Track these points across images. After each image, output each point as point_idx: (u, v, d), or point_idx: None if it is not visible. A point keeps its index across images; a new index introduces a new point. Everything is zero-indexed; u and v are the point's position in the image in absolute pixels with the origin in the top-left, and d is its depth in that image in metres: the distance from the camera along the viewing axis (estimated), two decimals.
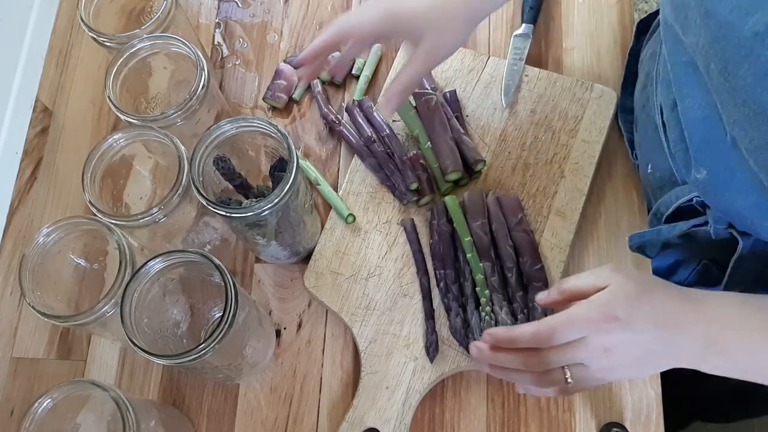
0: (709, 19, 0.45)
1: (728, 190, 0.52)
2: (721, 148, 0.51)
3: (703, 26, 0.46)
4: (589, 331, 0.50)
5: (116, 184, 0.66)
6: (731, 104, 0.46)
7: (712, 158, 0.52)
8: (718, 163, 0.52)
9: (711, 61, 0.47)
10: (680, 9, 0.51)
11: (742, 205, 0.52)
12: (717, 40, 0.45)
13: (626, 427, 0.65)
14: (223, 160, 0.61)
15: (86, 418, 0.59)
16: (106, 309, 0.56)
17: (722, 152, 0.51)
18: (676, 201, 0.61)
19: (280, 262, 0.73)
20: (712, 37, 0.45)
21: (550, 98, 0.76)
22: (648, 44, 0.73)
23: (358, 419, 0.65)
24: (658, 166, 0.65)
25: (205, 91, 0.63)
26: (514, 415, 0.67)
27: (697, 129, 0.53)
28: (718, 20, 0.44)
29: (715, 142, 0.51)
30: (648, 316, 0.50)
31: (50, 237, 0.59)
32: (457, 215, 0.69)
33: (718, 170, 0.52)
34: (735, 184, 0.51)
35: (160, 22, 0.67)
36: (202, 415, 0.69)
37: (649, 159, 0.67)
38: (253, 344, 0.64)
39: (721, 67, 0.45)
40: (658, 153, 0.63)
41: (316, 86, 0.80)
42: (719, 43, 0.45)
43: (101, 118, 0.82)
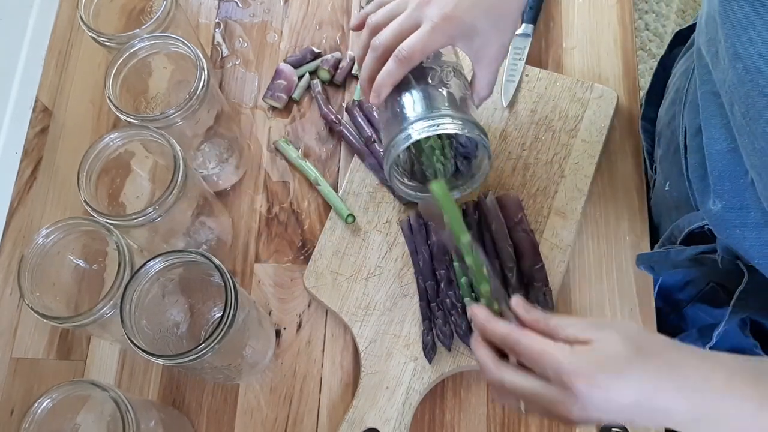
0: (736, 62, 0.45)
1: (740, 227, 0.51)
2: (741, 183, 0.50)
3: (730, 67, 0.46)
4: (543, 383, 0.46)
5: (113, 183, 0.66)
6: (750, 147, 0.46)
7: (730, 192, 0.52)
8: (735, 198, 0.51)
9: (735, 103, 0.46)
10: (712, 43, 0.50)
11: (752, 244, 0.51)
12: (743, 84, 0.44)
13: (626, 427, 0.65)
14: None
15: (86, 418, 0.59)
16: (105, 310, 0.56)
17: (741, 188, 0.50)
18: (688, 226, 0.60)
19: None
20: (738, 80, 0.45)
21: (550, 98, 0.75)
22: (683, 59, 0.71)
23: (358, 419, 0.65)
24: (676, 187, 0.64)
25: (205, 91, 0.63)
26: (514, 415, 0.67)
27: (720, 161, 0.52)
28: (745, 65, 0.44)
29: (734, 176, 0.51)
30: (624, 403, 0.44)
31: (49, 238, 0.59)
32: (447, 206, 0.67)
33: (734, 205, 0.52)
34: (749, 222, 0.50)
35: (160, 22, 0.67)
36: (202, 415, 0.69)
37: (668, 177, 0.66)
38: (253, 344, 0.63)
39: (744, 111, 0.45)
40: (678, 173, 0.62)
41: (316, 86, 0.80)
42: (744, 87, 0.44)
43: (101, 118, 0.82)
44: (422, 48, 0.55)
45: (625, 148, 0.75)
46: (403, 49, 0.54)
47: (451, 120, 0.55)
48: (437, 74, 0.58)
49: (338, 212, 0.72)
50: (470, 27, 0.55)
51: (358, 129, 0.76)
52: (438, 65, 0.59)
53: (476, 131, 0.55)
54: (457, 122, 0.54)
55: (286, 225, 0.75)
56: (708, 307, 0.69)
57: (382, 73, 0.56)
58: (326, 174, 0.77)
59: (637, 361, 0.45)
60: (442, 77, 0.58)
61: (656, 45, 1.86)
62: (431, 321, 0.67)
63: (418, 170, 0.63)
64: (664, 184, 0.67)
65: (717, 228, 0.56)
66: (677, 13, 1.90)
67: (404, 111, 0.57)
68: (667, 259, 0.62)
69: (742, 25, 0.44)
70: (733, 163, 0.50)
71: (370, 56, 0.57)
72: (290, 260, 0.74)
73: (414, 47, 0.54)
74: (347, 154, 0.78)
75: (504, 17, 0.57)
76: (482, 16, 0.55)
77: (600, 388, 0.44)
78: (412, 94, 0.58)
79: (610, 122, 0.74)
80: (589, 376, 0.44)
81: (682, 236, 0.61)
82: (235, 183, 0.78)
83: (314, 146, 0.79)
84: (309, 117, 0.80)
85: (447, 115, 0.55)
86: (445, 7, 0.54)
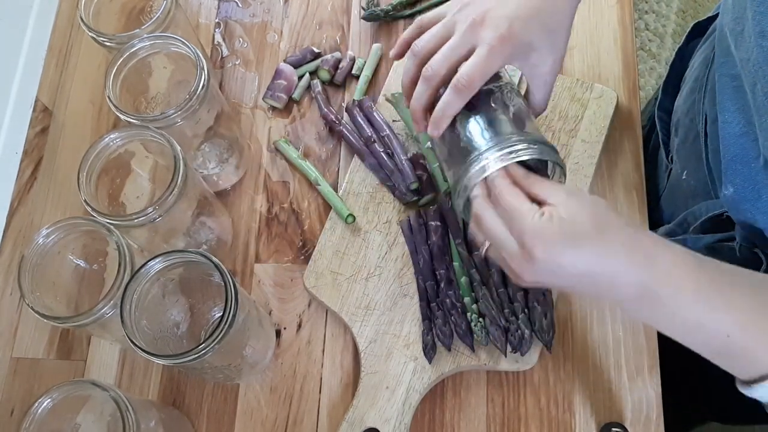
0: (763, 40, 0.45)
1: (751, 210, 0.51)
2: (753, 167, 0.50)
3: (756, 45, 0.46)
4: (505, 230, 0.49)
5: (113, 183, 0.66)
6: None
7: (742, 176, 0.52)
8: (747, 182, 0.51)
9: (758, 81, 0.46)
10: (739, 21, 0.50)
11: (764, 227, 0.51)
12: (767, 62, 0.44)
13: (626, 427, 0.65)
14: None
15: (86, 418, 0.59)
16: (105, 310, 0.56)
17: (753, 171, 0.50)
18: (706, 213, 0.60)
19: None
20: (763, 58, 0.45)
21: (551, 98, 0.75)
22: (702, 48, 0.71)
23: (358, 419, 0.65)
24: (693, 174, 0.64)
25: (205, 91, 0.63)
26: (514, 415, 0.67)
27: (732, 145, 0.52)
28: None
29: (747, 160, 0.51)
30: (573, 272, 0.47)
31: (50, 238, 0.59)
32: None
33: (746, 188, 0.52)
34: (760, 205, 0.51)
35: (160, 22, 0.67)
36: (202, 415, 0.69)
37: (685, 165, 0.66)
38: (253, 344, 0.64)
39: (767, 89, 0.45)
40: (696, 161, 0.62)
41: (316, 86, 0.80)
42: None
43: (101, 118, 0.82)
44: (482, 74, 0.52)
45: (625, 148, 0.75)
46: (462, 77, 0.52)
47: (526, 146, 0.51)
48: (498, 97, 0.55)
49: (338, 212, 0.72)
50: (527, 45, 0.53)
51: (358, 129, 0.76)
52: (497, 87, 0.56)
53: (553, 154, 0.52)
54: (533, 147, 0.51)
55: (286, 225, 0.75)
56: None
57: (441, 105, 0.53)
58: (326, 174, 0.77)
59: (595, 235, 0.47)
60: (504, 99, 0.55)
61: (656, 45, 1.86)
62: (431, 321, 0.67)
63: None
64: (681, 173, 0.66)
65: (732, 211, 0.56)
66: (677, 13, 1.90)
67: (472, 141, 0.53)
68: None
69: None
70: (746, 147, 0.51)
71: (422, 86, 0.55)
72: (290, 260, 0.74)
73: (473, 74, 0.52)
74: (347, 154, 0.78)
75: (557, 31, 0.55)
76: (537, 33, 0.53)
77: (554, 255, 0.47)
78: (477, 121, 0.54)
79: (610, 122, 0.74)
80: (547, 242, 0.47)
81: (697, 223, 0.61)
82: (235, 183, 0.78)
83: (314, 146, 0.79)
84: (309, 117, 0.80)
85: (520, 141, 0.52)
86: (500, 27, 0.51)
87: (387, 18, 0.82)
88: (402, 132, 0.76)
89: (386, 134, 0.74)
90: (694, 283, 0.47)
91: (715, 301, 0.47)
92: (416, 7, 0.83)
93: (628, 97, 0.77)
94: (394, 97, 0.76)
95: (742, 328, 0.46)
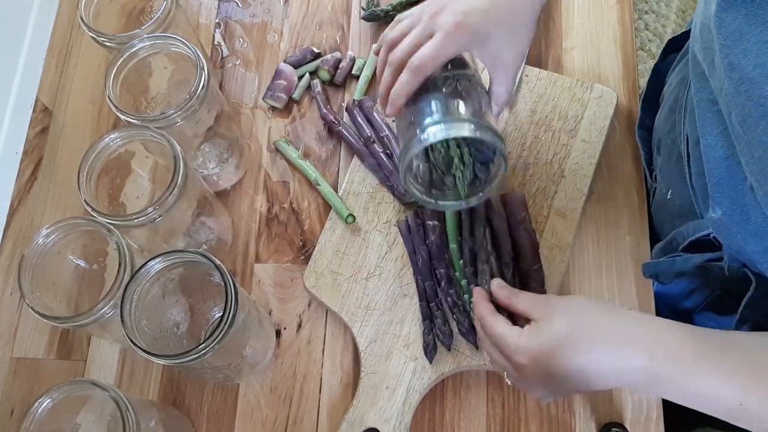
0: (732, 72, 0.45)
1: (741, 233, 0.51)
2: (739, 189, 0.50)
3: (726, 77, 0.46)
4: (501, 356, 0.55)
5: (113, 183, 0.66)
6: (749, 155, 0.46)
7: (730, 199, 0.52)
8: (735, 205, 0.51)
9: (732, 111, 0.46)
10: (707, 52, 0.50)
11: (755, 249, 0.51)
12: (739, 94, 0.45)
13: (626, 427, 0.65)
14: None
15: (86, 418, 0.59)
16: (105, 310, 0.56)
17: (740, 194, 0.50)
18: (693, 234, 0.60)
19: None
20: (734, 90, 0.45)
21: (550, 98, 0.76)
22: (679, 67, 0.71)
23: (358, 419, 0.65)
24: (678, 195, 0.64)
25: (205, 91, 0.63)
26: (514, 415, 0.67)
27: (718, 168, 0.52)
28: (741, 75, 0.44)
29: (733, 183, 0.51)
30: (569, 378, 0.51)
31: (50, 238, 0.59)
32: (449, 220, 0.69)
33: (734, 212, 0.51)
34: (749, 228, 0.50)
35: (160, 22, 0.67)
36: (202, 415, 0.69)
37: (670, 185, 0.66)
38: (253, 344, 0.64)
39: (741, 120, 0.45)
40: (680, 182, 0.62)
41: (315, 86, 0.80)
42: (740, 97, 0.44)
43: (101, 118, 0.82)
44: (434, 57, 0.55)
45: (625, 148, 0.75)
46: (416, 59, 0.55)
47: (464, 124, 0.54)
48: (452, 83, 0.58)
49: (338, 212, 0.72)
50: (483, 34, 0.56)
51: (358, 129, 0.76)
52: (454, 75, 0.59)
53: (489, 134, 0.55)
54: (471, 126, 0.54)
55: (286, 225, 0.75)
56: (715, 315, 0.68)
57: (396, 85, 0.56)
58: (326, 174, 0.77)
59: (577, 339, 0.51)
60: (457, 86, 0.58)
61: (656, 45, 1.86)
62: (431, 321, 0.67)
63: (437, 179, 0.62)
64: (666, 193, 0.66)
65: (720, 235, 0.56)
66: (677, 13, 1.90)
67: (419, 118, 0.56)
68: (673, 268, 0.62)
69: (737, 36, 0.44)
70: (731, 169, 0.50)
71: (387, 71, 0.58)
72: (290, 260, 0.74)
73: (426, 57, 0.55)
74: (347, 154, 0.78)
75: (517, 26, 0.57)
76: (494, 24, 0.55)
77: (541, 368, 0.51)
78: (428, 103, 0.57)
79: (610, 122, 0.74)
80: (531, 358, 0.52)
81: (685, 244, 0.61)
82: (235, 183, 0.78)
83: (314, 146, 0.79)
84: (309, 117, 0.80)
85: (461, 120, 0.55)
86: (456, 15, 0.54)
87: (387, 18, 0.82)
88: None
89: (386, 134, 0.74)
90: (698, 358, 0.49)
91: (721, 373, 0.48)
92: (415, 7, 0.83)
93: (628, 97, 0.77)
94: None
95: (754, 393, 0.48)
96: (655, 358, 0.49)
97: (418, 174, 0.61)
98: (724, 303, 0.65)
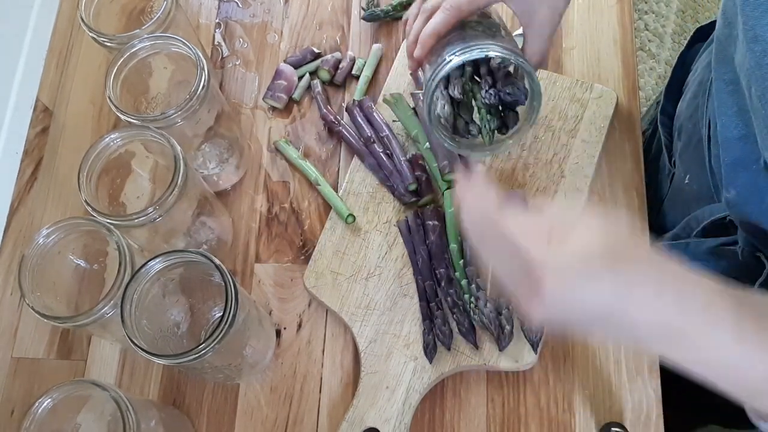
0: (755, 44, 0.45)
1: (755, 212, 0.51)
2: (753, 170, 0.50)
3: (748, 50, 0.46)
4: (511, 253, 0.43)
5: (113, 183, 0.66)
6: (765, 131, 0.46)
7: (743, 179, 0.52)
8: (748, 185, 0.51)
9: (752, 85, 0.46)
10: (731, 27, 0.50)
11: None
12: (760, 67, 0.44)
13: (626, 427, 0.65)
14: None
15: (86, 418, 0.59)
16: (105, 310, 0.56)
17: (753, 174, 0.50)
18: (709, 217, 0.60)
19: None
20: (755, 63, 0.45)
21: (550, 98, 0.76)
22: (705, 53, 0.71)
23: (358, 419, 0.65)
24: (696, 179, 0.64)
25: (205, 91, 0.63)
26: (514, 415, 0.67)
27: (732, 149, 0.52)
28: (764, 47, 0.44)
29: (747, 163, 0.50)
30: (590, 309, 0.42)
31: (50, 238, 0.59)
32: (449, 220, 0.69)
33: (747, 192, 0.51)
34: (763, 207, 0.50)
35: (161, 22, 0.67)
36: (202, 415, 0.69)
37: (688, 170, 0.66)
38: (253, 344, 0.64)
39: (760, 93, 0.45)
40: (699, 166, 0.62)
41: (316, 86, 0.80)
42: (762, 70, 0.44)
43: (101, 118, 0.82)
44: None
45: (625, 148, 0.75)
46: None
47: (491, 45, 0.51)
48: (482, 27, 0.56)
49: (338, 212, 0.73)
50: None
51: (358, 129, 0.76)
52: (485, 22, 0.57)
53: (521, 59, 0.52)
54: (502, 49, 0.51)
55: (287, 225, 0.75)
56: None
57: (428, 25, 0.54)
58: (326, 174, 0.77)
59: (614, 264, 0.41)
60: (486, 31, 0.55)
61: (656, 45, 1.86)
62: (431, 321, 0.67)
63: (461, 126, 0.59)
64: (684, 177, 0.66)
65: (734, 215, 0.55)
66: (677, 14, 1.90)
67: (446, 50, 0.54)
68: (686, 252, 0.62)
69: (763, 8, 0.44)
70: (746, 150, 0.50)
71: (420, 18, 0.56)
72: (290, 260, 0.74)
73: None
74: (347, 154, 0.78)
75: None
76: None
77: (566, 289, 0.41)
78: (459, 38, 0.54)
79: (610, 122, 0.74)
80: (559, 275, 0.41)
81: (700, 227, 0.61)
82: (236, 183, 0.78)
83: (314, 146, 0.79)
84: (309, 117, 0.80)
85: (487, 43, 0.52)
86: None
87: (387, 18, 0.82)
88: (401, 133, 0.76)
89: (386, 135, 0.74)
90: (735, 321, 0.41)
91: (758, 341, 0.41)
92: None
93: (627, 97, 0.77)
94: (392, 98, 0.76)
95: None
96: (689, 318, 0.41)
97: (441, 115, 0.57)
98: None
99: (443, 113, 0.57)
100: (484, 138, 0.57)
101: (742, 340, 0.41)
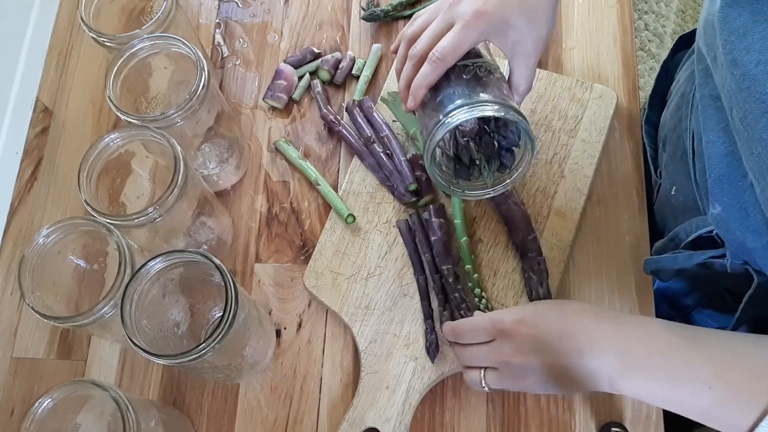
0: (734, 68, 0.45)
1: (741, 229, 0.51)
2: (739, 186, 0.50)
3: (728, 73, 0.46)
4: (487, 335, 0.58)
5: (113, 183, 0.66)
6: (749, 152, 0.46)
7: (729, 195, 0.52)
8: (734, 201, 0.51)
9: (734, 107, 0.46)
10: (710, 48, 0.50)
11: (754, 246, 0.51)
12: (740, 90, 0.45)
13: (626, 427, 0.65)
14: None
15: (86, 418, 0.59)
16: (105, 310, 0.56)
17: (739, 190, 0.50)
18: (696, 230, 0.60)
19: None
20: (736, 86, 0.45)
21: (550, 98, 0.76)
22: (687, 63, 0.71)
23: (358, 419, 0.65)
24: (682, 191, 0.64)
25: (205, 91, 0.63)
26: (514, 415, 0.67)
27: (718, 164, 0.52)
28: (743, 72, 0.44)
29: (733, 179, 0.51)
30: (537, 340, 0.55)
31: (50, 238, 0.59)
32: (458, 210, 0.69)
33: (733, 208, 0.51)
34: (749, 224, 0.50)
35: (161, 23, 0.67)
36: (202, 415, 0.69)
37: (674, 181, 0.66)
38: (253, 344, 0.64)
39: (741, 116, 0.45)
40: (684, 178, 0.62)
41: (316, 86, 0.80)
42: (742, 93, 0.44)
43: (101, 118, 0.82)
44: (455, 47, 0.55)
45: (625, 148, 0.75)
46: (437, 50, 0.55)
47: (487, 104, 0.53)
48: (472, 71, 0.57)
49: (338, 212, 0.73)
50: (502, 21, 0.55)
51: (358, 129, 0.76)
52: (474, 63, 0.58)
53: (513, 113, 0.54)
54: (495, 106, 0.53)
55: (287, 225, 0.76)
56: (715, 313, 0.68)
57: (417, 77, 0.56)
58: (326, 174, 0.77)
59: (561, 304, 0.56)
60: (477, 73, 0.57)
61: (656, 45, 1.86)
62: (433, 320, 0.67)
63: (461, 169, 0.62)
64: (670, 189, 0.66)
65: (720, 231, 0.56)
66: (677, 14, 1.90)
67: (441, 107, 0.56)
68: (674, 265, 0.62)
69: (740, 32, 0.44)
70: (732, 166, 0.50)
71: (408, 64, 0.58)
72: (290, 260, 0.74)
73: (447, 47, 0.55)
74: (347, 154, 0.78)
75: (537, 10, 0.56)
76: (514, 10, 0.55)
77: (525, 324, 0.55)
78: (450, 91, 0.56)
79: (610, 122, 0.74)
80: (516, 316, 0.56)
81: (687, 240, 0.61)
82: (236, 183, 0.78)
83: (314, 146, 0.79)
84: (309, 117, 0.80)
85: (484, 101, 0.54)
86: (475, 3, 0.54)
87: (387, 18, 0.82)
88: (401, 132, 0.76)
89: (386, 135, 0.74)
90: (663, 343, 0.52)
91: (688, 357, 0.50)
92: (416, 7, 0.83)
93: (628, 97, 0.77)
94: (390, 96, 0.76)
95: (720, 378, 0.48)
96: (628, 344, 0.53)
97: (442, 163, 0.60)
98: (724, 301, 0.65)
99: (443, 161, 0.61)
100: (486, 181, 0.60)
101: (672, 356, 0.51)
